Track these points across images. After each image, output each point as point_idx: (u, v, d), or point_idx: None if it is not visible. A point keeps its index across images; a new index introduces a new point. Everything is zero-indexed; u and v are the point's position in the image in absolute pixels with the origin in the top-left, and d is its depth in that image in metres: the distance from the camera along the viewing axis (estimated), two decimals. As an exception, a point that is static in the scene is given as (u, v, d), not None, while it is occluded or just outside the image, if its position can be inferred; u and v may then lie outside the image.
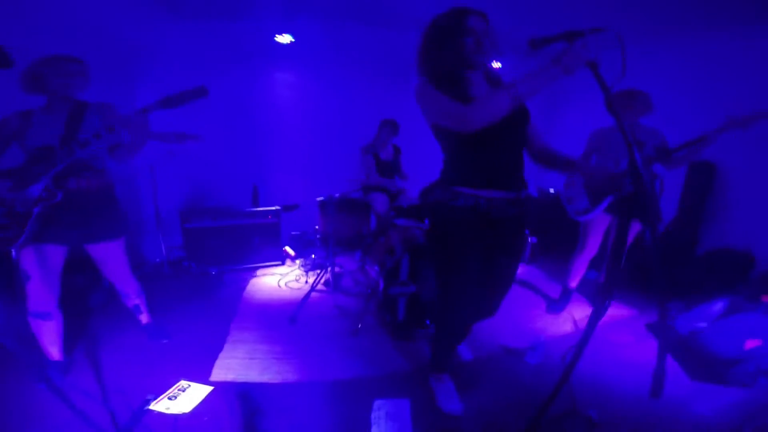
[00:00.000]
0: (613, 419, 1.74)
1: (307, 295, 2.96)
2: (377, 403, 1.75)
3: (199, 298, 3.02)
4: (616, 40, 1.14)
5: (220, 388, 1.90)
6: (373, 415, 1.69)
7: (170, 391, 1.82)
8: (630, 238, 2.53)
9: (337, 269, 3.49)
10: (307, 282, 3.39)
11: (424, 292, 2.46)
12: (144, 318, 2.29)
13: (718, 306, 2.29)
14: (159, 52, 3.71)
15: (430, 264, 2.42)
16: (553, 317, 2.77)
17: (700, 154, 2.29)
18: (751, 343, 1.96)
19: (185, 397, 1.78)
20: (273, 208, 3.74)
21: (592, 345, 2.28)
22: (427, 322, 2.48)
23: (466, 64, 1.39)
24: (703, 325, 2.23)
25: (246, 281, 3.42)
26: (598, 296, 1.34)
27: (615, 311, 2.83)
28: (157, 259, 3.57)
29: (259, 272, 3.64)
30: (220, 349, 2.29)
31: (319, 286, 3.17)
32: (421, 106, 1.42)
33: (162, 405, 1.72)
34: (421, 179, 3.76)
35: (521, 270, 3.47)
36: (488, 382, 2.04)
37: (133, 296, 2.18)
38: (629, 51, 1.16)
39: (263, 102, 4.29)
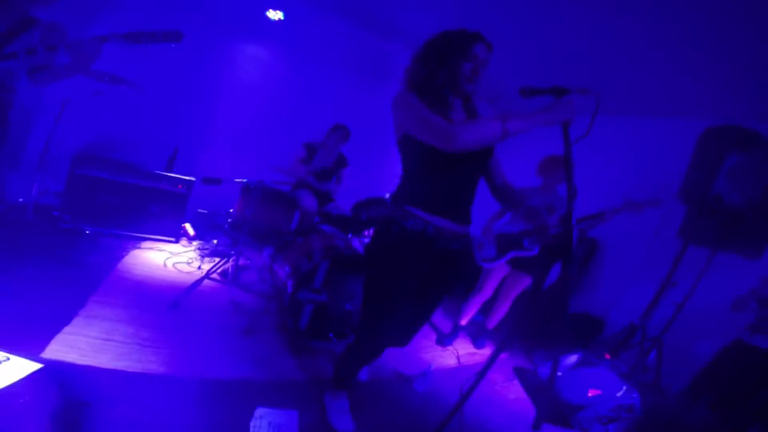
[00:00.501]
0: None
1: (199, 281, 2.62)
2: (259, 411, 1.55)
3: (59, 258, 2.47)
4: (594, 102, 1.22)
5: (53, 367, 1.50)
6: (252, 423, 1.49)
7: (-22, 362, 1.39)
8: (517, 291, 2.88)
9: (242, 262, 3.19)
10: (200, 268, 3.02)
11: (334, 304, 2.37)
12: None
13: (573, 358, 2.62)
14: None
15: (348, 277, 2.35)
16: (441, 350, 2.92)
17: (593, 230, 2.67)
18: (593, 392, 2.26)
19: (-1, 373, 1.37)
20: (187, 177, 3.33)
21: (468, 379, 2.43)
22: (330, 335, 2.38)
23: (455, 88, 1.40)
24: (559, 373, 2.53)
25: (126, 251, 2.92)
26: (503, 337, 1.43)
27: (489, 351, 3.10)
28: (20, 200, 2.90)
29: (144, 245, 3.15)
30: (67, 322, 1.85)
31: (215, 275, 2.84)
32: (397, 113, 1.39)
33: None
34: (354, 193, 3.81)
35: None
36: (379, 405, 2.01)
37: None
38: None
39: (222, 68, 3.99)
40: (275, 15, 3.72)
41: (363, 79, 4.56)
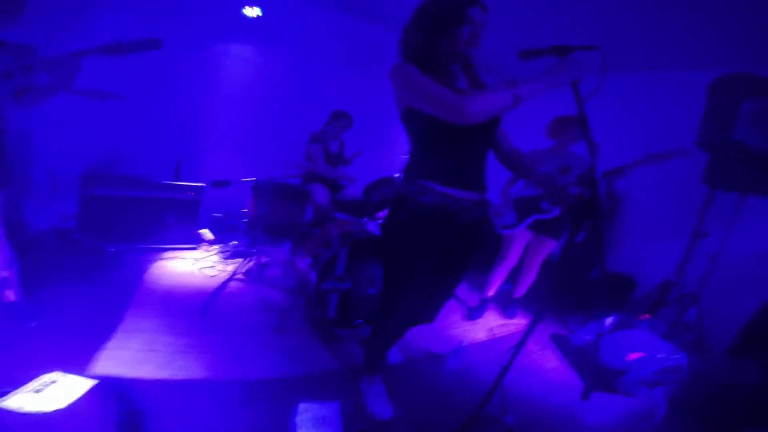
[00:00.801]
0: (524, 425, 1.85)
1: (225, 283, 2.70)
2: (302, 406, 1.62)
3: (88, 278, 2.56)
4: (601, 59, 1.18)
5: (106, 383, 1.60)
6: (296, 419, 1.56)
7: (33, 384, 1.48)
8: (542, 256, 2.86)
9: (264, 259, 3.27)
10: (224, 270, 3.10)
11: (357, 290, 2.39)
12: (11, 295, 1.87)
13: (608, 322, 2.62)
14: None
15: (367, 261, 2.36)
16: (471, 324, 2.94)
17: (615, 185, 2.61)
18: (633, 356, 2.26)
19: (56, 392, 1.46)
20: (196, 183, 3.38)
21: (502, 352, 2.50)
22: (358, 322, 2.41)
23: (455, 54, 1.35)
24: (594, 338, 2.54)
25: (150, 263, 3.01)
26: (538, 305, 1.42)
27: (520, 321, 3.12)
28: (43, 227, 3.00)
29: (167, 255, 3.24)
30: (108, 338, 1.95)
31: (240, 276, 2.92)
32: (398, 86, 1.35)
33: (20, 400, 1.39)
34: (360, 179, 3.82)
35: None
36: (414, 386, 2.05)
37: (1, 266, 1.78)
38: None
39: (210, 71, 3.95)
40: (252, 12, 3.64)
41: (351, 65, 4.49)
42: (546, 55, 1.23)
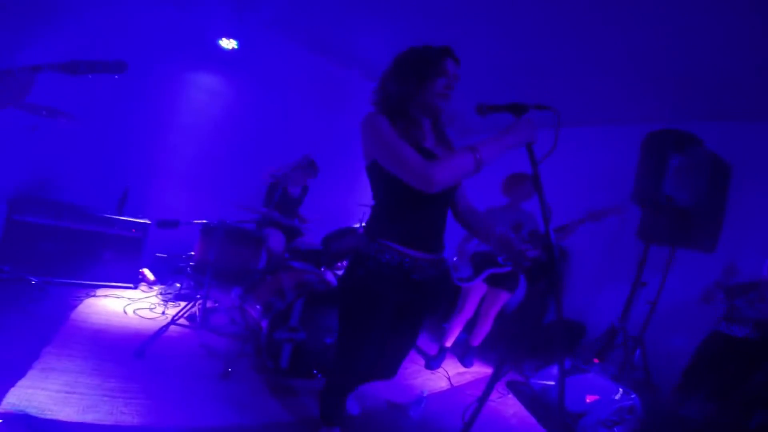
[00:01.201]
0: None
1: (165, 327, 2.47)
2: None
3: (3, 308, 2.27)
4: (555, 117, 1.24)
5: (12, 420, 1.35)
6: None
7: None
8: (497, 307, 3.01)
9: (210, 304, 3.06)
10: (164, 314, 2.86)
11: (313, 340, 2.35)
12: None
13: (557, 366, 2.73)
14: (80, 15, 3.18)
15: (325, 311, 2.37)
16: (431, 373, 2.94)
17: (563, 241, 2.88)
18: (590, 398, 2.35)
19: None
20: (141, 220, 3.21)
21: (462, 400, 2.51)
22: (314, 371, 2.34)
23: (428, 106, 1.39)
24: (552, 382, 2.61)
25: (79, 300, 2.73)
26: (500, 357, 1.46)
27: (478, 369, 3.19)
28: None
29: (100, 292, 2.95)
30: (21, 375, 1.68)
31: (182, 320, 2.70)
32: (367, 138, 1.35)
33: None
34: (320, 223, 3.85)
35: None
36: (377, 436, 1.94)
37: None
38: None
39: (173, 101, 3.88)
40: (229, 44, 3.72)
41: (322, 107, 4.65)
42: (503, 111, 1.28)
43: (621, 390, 2.35)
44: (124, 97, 3.51)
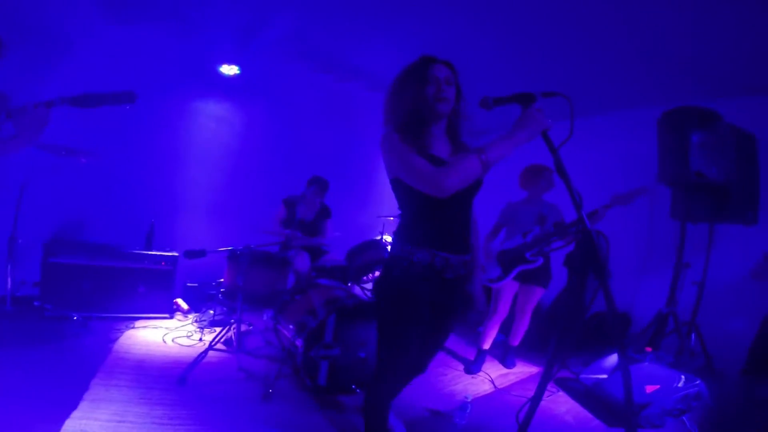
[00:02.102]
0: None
1: (204, 353, 2.52)
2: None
3: (51, 346, 2.38)
4: (563, 110, 1.23)
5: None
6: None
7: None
8: (533, 304, 2.94)
9: (245, 327, 3.10)
10: (201, 340, 2.93)
11: (347, 355, 2.37)
12: None
13: (612, 359, 2.61)
14: (84, 51, 3.36)
15: (356, 326, 2.39)
16: (471, 378, 2.88)
17: (593, 227, 2.80)
18: (651, 388, 2.24)
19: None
20: (169, 253, 3.33)
21: (509, 402, 2.46)
22: (353, 386, 2.35)
23: (430, 114, 1.43)
24: (604, 376, 2.50)
25: (120, 332, 2.84)
26: (550, 356, 1.42)
27: (522, 369, 3.11)
28: None
29: (139, 324, 3.06)
30: (73, 407, 1.74)
31: (219, 345, 2.75)
32: (386, 157, 1.44)
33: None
34: (342, 238, 3.87)
35: None
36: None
37: None
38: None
39: (186, 131, 4.02)
40: (230, 70, 3.80)
41: (330, 123, 4.73)
42: (509, 102, 1.27)
43: (683, 377, 2.24)
44: (135, 132, 3.65)
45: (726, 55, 2.82)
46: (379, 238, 4.41)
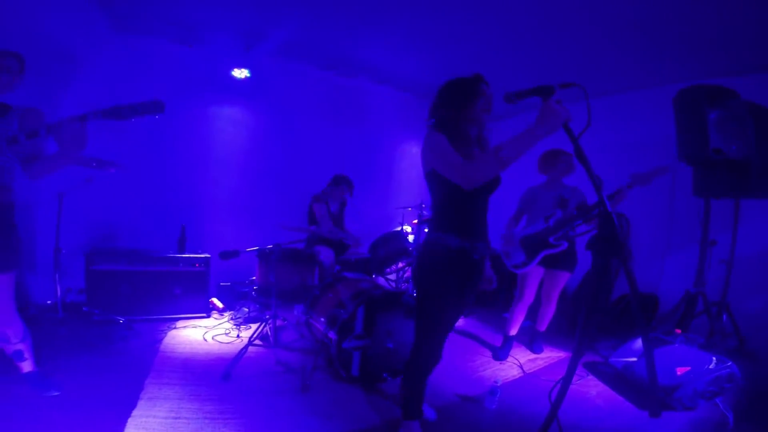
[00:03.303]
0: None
1: (244, 349, 2.65)
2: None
3: (102, 349, 2.55)
4: (582, 93, 1.28)
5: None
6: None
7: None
8: (558, 289, 2.94)
9: (279, 322, 3.23)
10: (239, 336, 3.06)
11: (377, 345, 2.45)
12: (26, 366, 1.84)
13: (642, 341, 2.61)
14: (96, 65, 3.46)
15: (383, 316, 2.47)
16: (499, 364, 2.92)
17: (616, 208, 2.76)
18: (681, 370, 2.23)
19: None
20: (202, 255, 3.46)
21: (538, 386, 2.50)
22: (384, 375, 2.45)
23: (474, 121, 1.67)
24: (634, 359, 2.50)
25: (163, 333, 2.98)
26: (578, 336, 1.45)
27: (550, 354, 3.13)
28: (49, 301, 3.03)
29: (180, 324, 3.21)
30: (132, 406, 1.88)
31: (257, 341, 2.87)
32: (428, 150, 1.65)
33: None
34: (360, 233, 3.93)
35: (461, 322, 3.70)
36: (456, 430, 2.01)
37: (14, 340, 1.78)
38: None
39: (206, 136, 4.13)
40: (241, 73, 3.88)
41: (342, 119, 4.76)
42: (529, 96, 1.36)
43: (714, 359, 2.22)
44: (158, 141, 3.77)
45: (741, 33, 2.73)
46: (399, 229, 4.46)
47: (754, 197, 2.71)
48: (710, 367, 2.19)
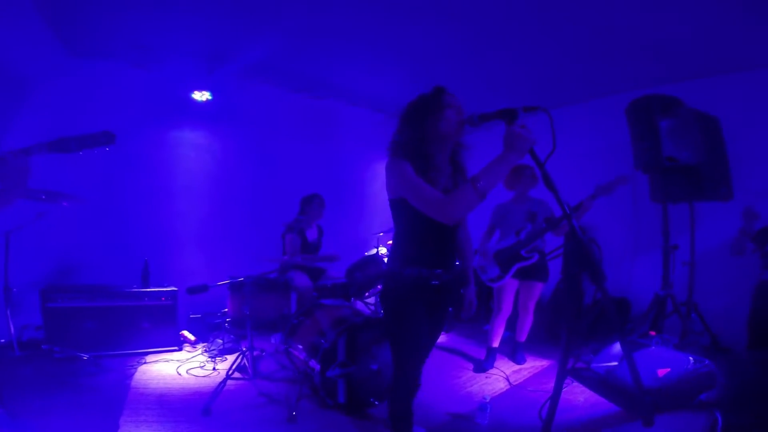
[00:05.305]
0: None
1: (223, 382, 2.59)
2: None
3: (70, 387, 2.43)
4: (546, 116, 1.31)
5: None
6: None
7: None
8: (534, 299, 3.12)
9: (256, 353, 3.17)
10: (215, 369, 2.98)
11: (361, 370, 2.47)
12: None
13: (621, 345, 2.77)
14: (48, 90, 3.39)
15: (365, 341, 2.51)
16: (486, 377, 3.01)
17: (580, 220, 2.99)
18: (662, 372, 2.36)
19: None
20: (168, 288, 3.39)
21: (526, 397, 2.62)
22: (371, 399, 2.46)
23: (444, 137, 1.59)
24: (615, 363, 2.61)
25: (133, 368, 2.89)
26: (563, 349, 1.56)
27: (533, 363, 3.26)
28: (2, 340, 2.86)
29: (150, 358, 3.11)
30: (110, 446, 1.79)
31: (235, 374, 2.81)
32: (393, 179, 1.58)
33: None
34: (343, 258, 3.94)
35: (444, 338, 3.78)
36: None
37: None
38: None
39: (168, 163, 4.05)
40: (201, 96, 3.85)
41: (312, 141, 4.81)
42: (494, 118, 1.37)
43: (692, 359, 2.35)
44: (116, 170, 3.65)
45: (683, 39, 3.03)
46: (375, 252, 4.53)
47: (707, 200, 3.03)
48: (689, 367, 2.31)
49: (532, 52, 3.41)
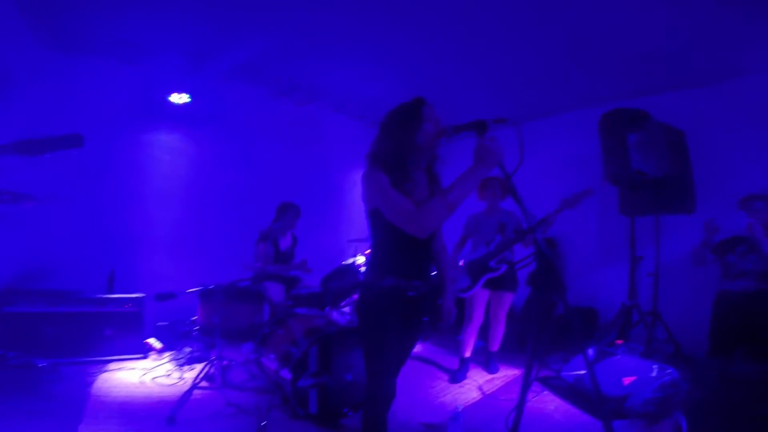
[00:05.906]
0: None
1: (189, 390, 2.51)
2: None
3: (26, 394, 2.33)
4: (515, 128, 1.37)
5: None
6: None
7: None
8: (505, 309, 3.20)
9: (224, 362, 3.10)
10: (182, 378, 2.91)
11: (335, 380, 2.47)
12: None
13: (589, 353, 2.84)
14: (22, 86, 3.26)
15: (339, 351, 2.51)
16: (459, 387, 3.05)
17: (546, 232, 3.11)
18: (627, 380, 2.46)
19: None
20: (134, 295, 3.30)
21: (499, 406, 2.68)
22: (345, 410, 2.45)
23: (423, 150, 1.61)
24: (583, 372, 2.71)
25: (94, 376, 2.79)
26: (528, 360, 1.63)
27: (506, 372, 3.34)
28: None
29: (112, 366, 3.01)
30: (67, 456, 1.71)
31: (202, 383, 2.74)
32: (369, 190, 1.60)
33: None
34: (319, 267, 3.93)
35: (418, 348, 3.80)
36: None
37: None
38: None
39: (140, 166, 3.96)
40: (180, 99, 3.80)
41: (292, 147, 4.78)
42: (465, 130, 1.43)
43: (656, 367, 2.46)
44: (86, 172, 3.56)
45: (652, 53, 3.19)
46: (352, 261, 4.53)
47: (672, 213, 3.21)
48: (653, 375, 2.43)
49: (509, 65, 3.56)
